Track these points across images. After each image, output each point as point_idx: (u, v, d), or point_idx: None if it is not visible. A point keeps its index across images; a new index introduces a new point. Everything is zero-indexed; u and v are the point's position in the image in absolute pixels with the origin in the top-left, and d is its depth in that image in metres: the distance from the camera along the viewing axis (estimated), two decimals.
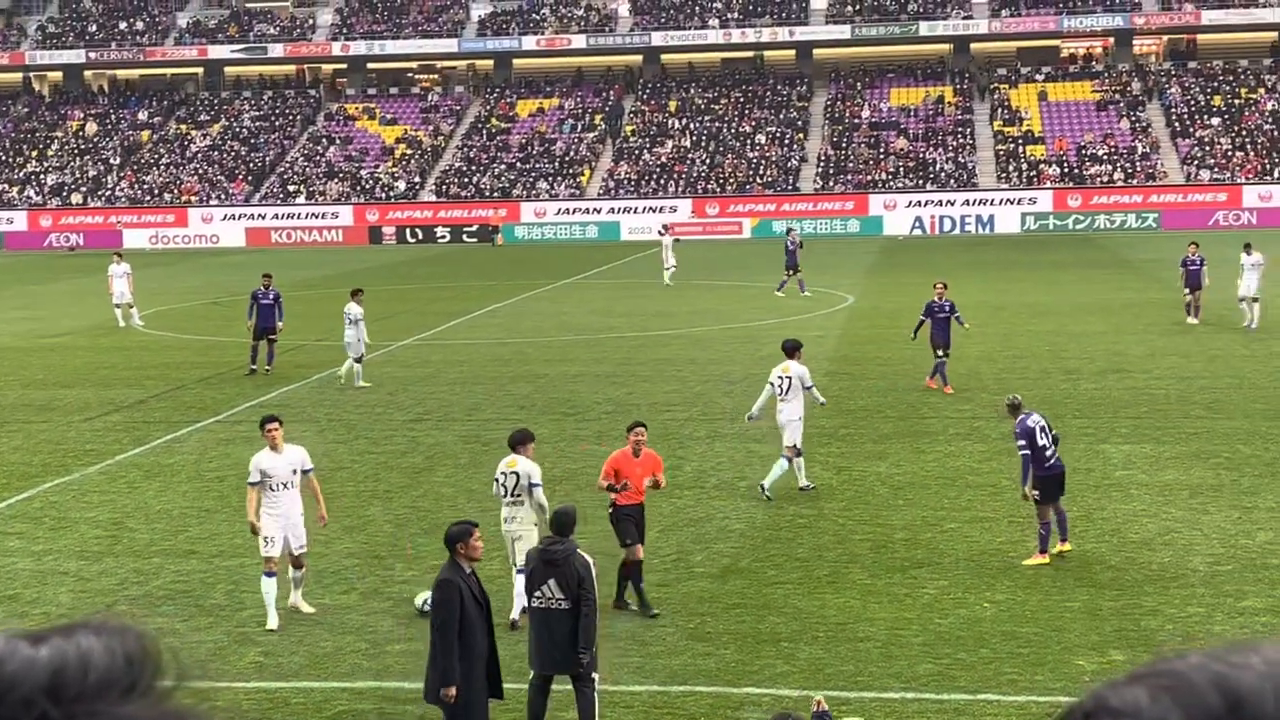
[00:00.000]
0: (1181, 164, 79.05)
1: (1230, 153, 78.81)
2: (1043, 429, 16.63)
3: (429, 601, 14.90)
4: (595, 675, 12.00)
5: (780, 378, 20.45)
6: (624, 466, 15.60)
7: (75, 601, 16.15)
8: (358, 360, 29.73)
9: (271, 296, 31.54)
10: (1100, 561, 16.60)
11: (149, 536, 18.75)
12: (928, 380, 28.33)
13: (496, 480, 15.00)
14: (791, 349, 20.82)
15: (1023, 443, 16.52)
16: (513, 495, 14.80)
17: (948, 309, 28.98)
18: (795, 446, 20.14)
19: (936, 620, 14.73)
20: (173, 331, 40.03)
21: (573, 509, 12.50)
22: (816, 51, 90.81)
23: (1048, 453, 16.51)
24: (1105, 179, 78.26)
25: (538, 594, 11.78)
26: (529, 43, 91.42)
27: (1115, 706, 0.96)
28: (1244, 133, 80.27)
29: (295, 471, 15.36)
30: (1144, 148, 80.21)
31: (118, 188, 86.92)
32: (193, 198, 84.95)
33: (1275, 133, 79.84)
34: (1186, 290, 36.75)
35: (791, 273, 45.28)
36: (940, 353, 28.10)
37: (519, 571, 13.89)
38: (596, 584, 11.91)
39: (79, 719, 1.04)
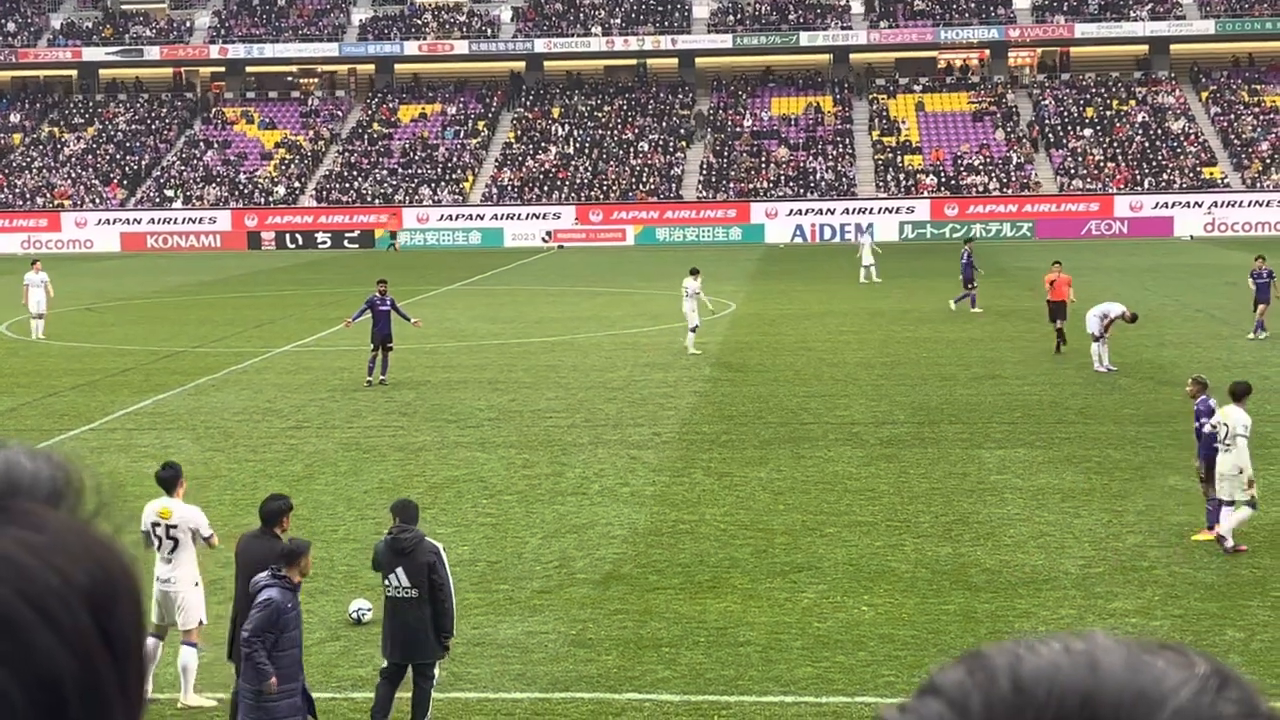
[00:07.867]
0: (1055, 174, 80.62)
1: (1102, 163, 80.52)
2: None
3: (362, 611, 14.88)
4: (437, 671, 12.27)
5: None
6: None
7: None
8: (693, 330, 33.91)
9: (388, 303, 30.65)
10: (976, 564, 16.87)
11: None
12: None
13: None
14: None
15: (1204, 419, 17.37)
16: None
17: (1265, 275, 33.43)
18: None
19: (816, 624, 14.87)
20: (45, 338, 39.21)
21: (413, 503, 12.70)
22: (699, 60, 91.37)
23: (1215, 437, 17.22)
24: (981, 189, 79.57)
25: (386, 582, 12.08)
26: (411, 47, 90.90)
27: (936, 685, 1.05)
28: (1115, 144, 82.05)
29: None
30: (1018, 158, 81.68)
31: None
32: (66, 202, 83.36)
33: (1145, 144, 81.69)
34: (1255, 306, 34.41)
35: (970, 286, 42.17)
36: None
37: None
38: (448, 569, 12.15)
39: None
